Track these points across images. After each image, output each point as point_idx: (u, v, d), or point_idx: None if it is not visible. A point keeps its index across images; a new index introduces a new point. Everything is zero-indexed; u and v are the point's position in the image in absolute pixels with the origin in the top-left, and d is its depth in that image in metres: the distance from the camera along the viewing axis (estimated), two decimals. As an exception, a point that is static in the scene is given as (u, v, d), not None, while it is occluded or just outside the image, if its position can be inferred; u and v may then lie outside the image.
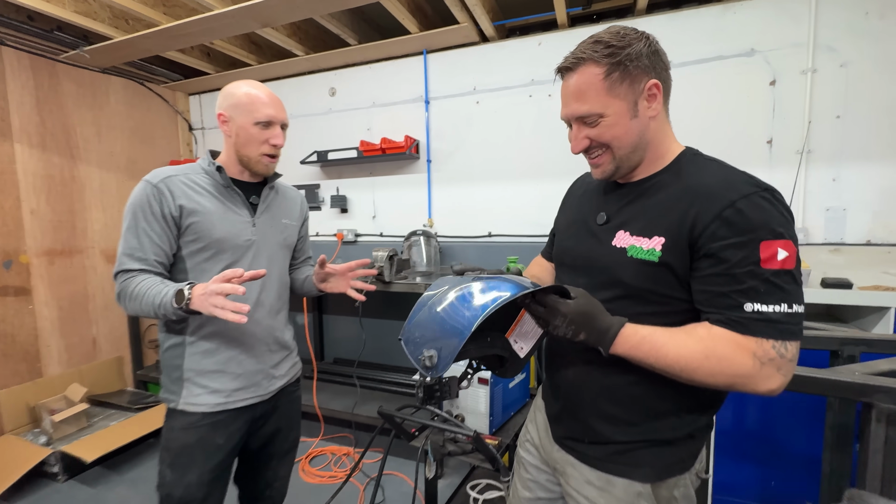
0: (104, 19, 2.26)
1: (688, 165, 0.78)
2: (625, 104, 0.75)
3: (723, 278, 0.68)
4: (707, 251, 0.69)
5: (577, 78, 0.76)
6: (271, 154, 1.15)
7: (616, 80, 0.73)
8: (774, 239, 0.66)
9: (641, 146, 0.78)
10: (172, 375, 1.12)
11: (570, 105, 0.78)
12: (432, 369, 0.73)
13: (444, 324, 0.74)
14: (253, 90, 1.12)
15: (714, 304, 0.70)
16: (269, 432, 1.25)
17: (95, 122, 2.74)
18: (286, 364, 1.27)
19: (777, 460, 1.74)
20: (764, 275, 0.66)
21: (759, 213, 0.67)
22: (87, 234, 2.72)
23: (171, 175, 1.10)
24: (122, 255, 1.07)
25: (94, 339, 2.78)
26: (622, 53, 0.72)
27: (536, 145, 2.41)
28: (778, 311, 0.66)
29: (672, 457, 0.81)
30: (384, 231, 2.83)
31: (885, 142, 1.89)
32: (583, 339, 0.74)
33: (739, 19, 2.02)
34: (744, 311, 0.67)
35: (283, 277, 1.28)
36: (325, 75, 2.86)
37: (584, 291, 0.76)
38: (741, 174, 0.73)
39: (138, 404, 2.62)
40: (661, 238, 0.74)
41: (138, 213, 1.06)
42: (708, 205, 0.70)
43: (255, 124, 1.11)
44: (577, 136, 0.80)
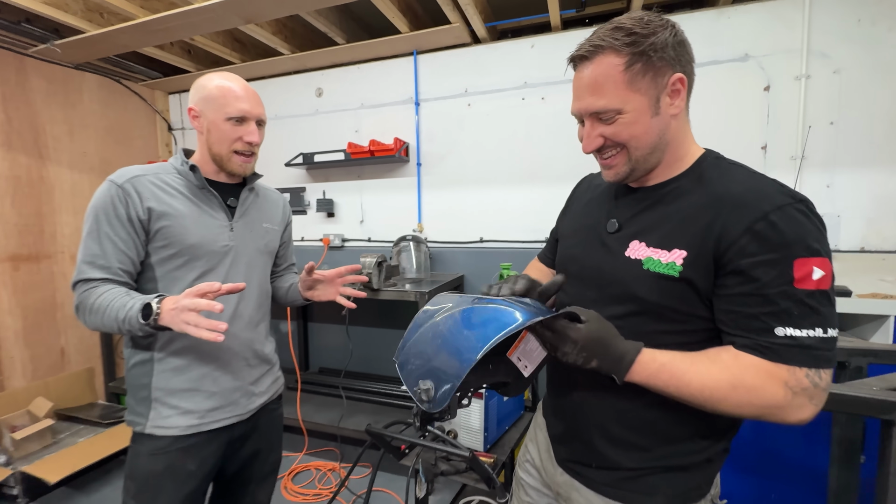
0: (76, 12, 2.14)
1: (710, 170, 0.71)
2: (646, 100, 0.67)
3: (752, 298, 0.61)
4: (735, 267, 0.62)
5: (593, 68, 0.68)
6: (245, 152, 1.06)
7: (638, 73, 0.66)
8: (810, 256, 0.59)
9: (660, 147, 0.71)
10: (139, 395, 1.02)
11: (585, 99, 0.70)
12: (429, 403, 0.66)
13: (441, 354, 0.67)
14: (226, 82, 1.03)
15: (741, 326, 0.63)
16: (248, 455, 1.15)
17: (67, 120, 2.60)
18: (267, 379, 1.17)
19: (776, 472, 1.70)
20: (798, 296, 0.59)
21: (793, 227, 0.60)
22: (56, 238, 2.57)
23: (138, 175, 1.00)
24: (81, 263, 0.96)
25: (63, 349, 2.62)
26: (646, 42, 0.65)
27: (529, 149, 2.36)
28: (812, 336, 0.59)
29: (688, 483, 0.74)
30: (372, 236, 2.74)
31: (877, 148, 1.89)
32: (595, 366, 0.67)
33: (734, 24, 2.01)
34: (775, 335, 0.60)
35: (263, 286, 1.19)
36: (311, 75, 2.77)
37: (597, 314, 0.68)
38: (772, 182, 0.66)
39: (109, 419, 2.47)
40: (682, 251, 0.66)
41: (101, 216, 0.96)
42: (737, 216, 0.63)
43: (227, 120, 1.02)
44: (589, 133, 0.72)
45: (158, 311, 0.86)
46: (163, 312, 0.86)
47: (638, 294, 0.70)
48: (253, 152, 1.08)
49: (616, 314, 0.72)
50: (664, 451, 0.73)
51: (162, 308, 0.86)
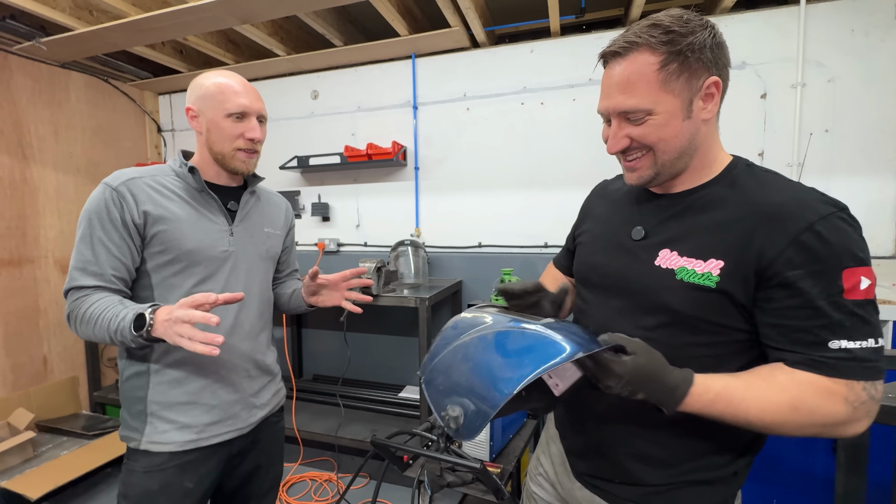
0: (65, 8, 2.08)
1: (743, 178, 0.68)
2: (678, 102, 0.64)
3: (802, 311, 0.59)
4: (781, 280, 0.60)
5: (626, 66, 0.65)
6: (248, 149, 1.02)
7: (673, 73, 0.63)
8: (857, 266, 0.58)
9: (689, 152, 0.68)
10: (134, 409, 0.97)
11: (614, 97, 0.67)
12: (457, 430, 0.62)
13: (473, 380, 0.63)
14: (223, 79, 1.00)
15: (791, 340, 0.61)
16: (248, 470, 1.10)
17: (53, 120, 2.52)
18: (268, 391, 1.13)
19: (777, 478, 1.71)
20: (849, 307, 0.58)
21: (840, 237, 0.58)
22: (40, 242, 2.48)
23: (134, 177, 0.96)
24: (73, 270, 0.92)
25: (46, 357, 2.52)
26: (684, 42, 0.62)
27: (528, 154, 2.36)
28: (865, 348, 0.58)
29: (713, 498, 0.73)
30: (368, 241, 2.70)
31: (870, 156, 1.92)
32: (641, 398, 0.62)
33: (731, 33, 2.02)
34: (829, 349, 0.58)
35: (265, 294, 1.14)
36: (307, 77, 2.73)
37: (645, 345, 0.63)
38: (812, 191, 0.64)
39: (94, 430, 2.38)
40: (720, 261, 0.64)
41: (94, 220, 0.92)
42: (781, 227, 0.60)
43: (228, 116, 0.98)
44: (616, 133, 0.69)
45: (151, 323, 0.82)
46: (156, 324, 0.82)
47: (671, 305, 0.68)
48: (256, 149, 1.05)
49: (646, 325, 0.70)
50: (690, 466, 0.71)
51: (155, 319, 0.82)
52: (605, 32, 2.22)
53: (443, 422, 0.64)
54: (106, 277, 0.91)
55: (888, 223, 1.93)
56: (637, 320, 0.71)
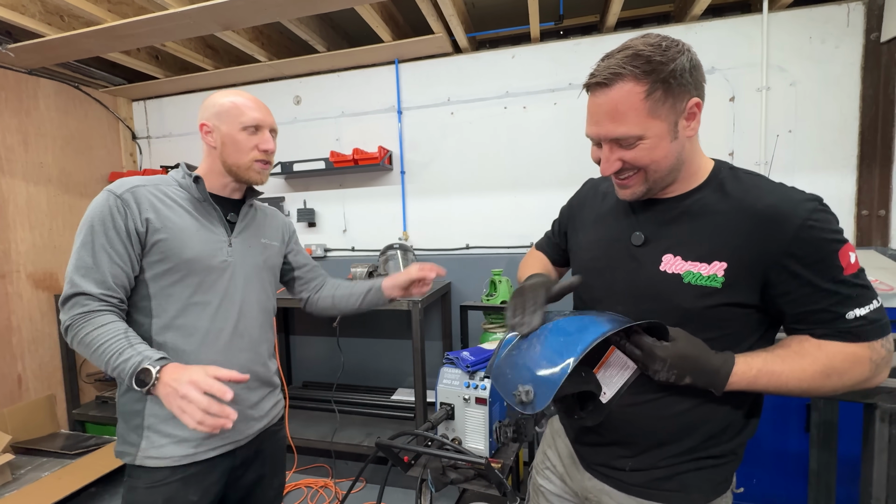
0: (34, 14, 2.01)
1: (730, 182, 0.74)
2: (665, 125, 0.68)
3: (817, 295, 0.67)
4: (791, 273, 0.68)
5: (613, 95, 0.68)
6: (263, 160, 1.06)
7: (658, 101, 0.67)
8: (843, 244, 0.67)
9: (677, 167, 0.74)
10: (131, 423, 0.96)
11: (604, 125, 0.71)
12: (528, 405, 0.68)
13: (540, 361, 0.69)
14: (238, 98, 1.05)
15: (814, 320, 0.69)
16: (251, 481, 1.10)
17: (21, 129, 2.42)
18: (267, 403, 1.13)
19: (756, 458, 1.81)
20: (851, 280, 0.67)
21: (828, 225, 0.67)
22: (11, 256, 2.38)
23: (138, 185, 0.97)
24: (73, 275, 0.90)
25: (20, 376, 2.41)
26: (666, 70, 0.65)
27: (512, 157, 2.42)
28: (873, 309, 0.67)
29: (719, 476, 0.78)
30: (356, 245, 2.70)
31: (830, 154, 2.07)
32: (689, 382, 0.69)
33: (700, 39, 2.14)
34: (846, 320, 0.67)
35: (264, 304, 1.15)
36: (289, 83, 2.71)
37: (684, 332, 0.70)
38: (793, 190, 0.71)
39: (76, 448, 2.29)
40: (723, 263, 0.70)
41: (97, 227, 0.92)
42: (779, 227, 0.67)
43: (243, 129, 1.03)
44: (608, 157, 0.73)
45: (157, 379, 0.80)
46: (160, 384, 0.80)
47: (682, 306, 0.73)
48: (270, 160, 1.09)
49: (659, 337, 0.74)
50: (700, 448, 0.76)
51: (160, 379, 0.80)
52: (583, 38, 2.31)
53: (514, 402, 0.70)
54: (107, 284, 0.90)
55: (848, 216, 2.08)
56: None
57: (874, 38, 1.98)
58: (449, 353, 1.61)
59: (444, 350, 2.49)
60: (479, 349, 1.62)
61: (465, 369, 1.54)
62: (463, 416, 1.51)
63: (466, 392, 1.50)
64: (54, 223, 2.58)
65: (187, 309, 0.98)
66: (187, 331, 0.97)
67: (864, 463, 0.99)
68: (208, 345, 0.99)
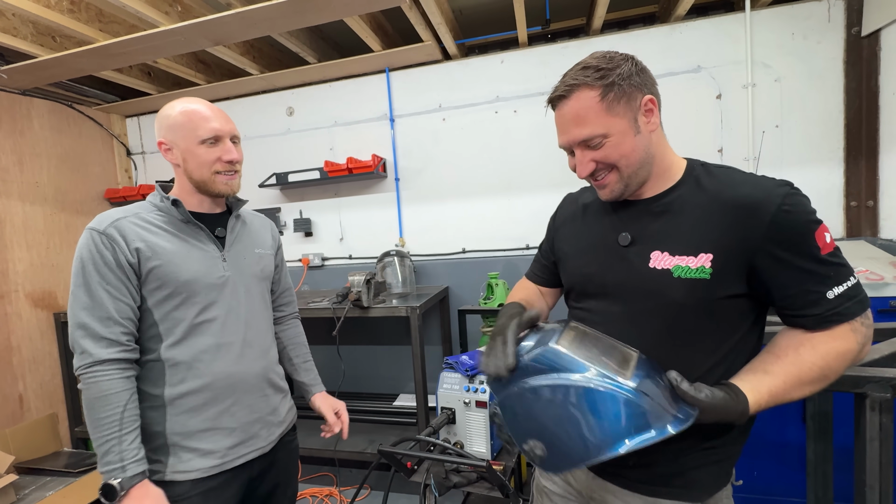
0: (26, 36, 2.03)
1: (705, 178, 0.78)
2: (625, 121, 0.75)
3: (800, 276, 0.70)
4: (773, 258, 0.70)
5: (573, 104, 0.76)
6: (227, 171, 1.03)
7: (613, 100, 0.74)
8: (819, 225, 0.70)
9: (647, 161, 0.78)
10: (154, 444, 0.96)
11: (571, 132, 0.77)
12: (541, 461, 0.67)
13: (562, 431, 0.66)
14: (189, 106, 0.99)
15: (799, 304, 0.71)
16: (267, 491, 1.11)
17: (16, 149, 2.43)
18: (284, 407, 1.15)
19: (756, 450, 1.83)
20: (828, 260, 0.69)
21: (801, 208, 0.70)
22: (9, 276, 2.38)
23: (118, 217, 0.95)
24: (76, 330, 0.90)
25: (21, 396, 2.41)
26: (613, 74, 0.73)
27: (505, 160, 2.44)
28: (851, 286, 0.70)
29: (721, 470, 0.80)
30: (353, 253, 2.72)
31: (816, 148, 2.10)
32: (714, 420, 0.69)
33: (685, 39, 2.18)
34: (828, 299, 0.69)
35: (267, 312, 1.16)
36: (281, 94, 2.74)
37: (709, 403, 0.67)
38: (764, 178, 0.75)
39: (80, 466, 2.29)
40: (709, 254, 0.73)
41: (88, 266, 0.91)
42: (755, 215, 0.70)
43: (201, 143, 0.98)
44: (581, 160, 0.78)
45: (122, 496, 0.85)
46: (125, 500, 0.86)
47: (675, 300, 0.75)
48: (236, 170, 1.05)
49: (653, 324, 0.77)
50: (701, 443, 0.78)
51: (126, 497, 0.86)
52: (571, 41, 2.34)
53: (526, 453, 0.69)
54: (114, 319, 0.90)
55: (836, 208, 2.11)
56: (643, 321, 0.78)
57: (855, 33, 2.01)
58: (448, 357, 1.63)
59: (444, 354, 2.50)
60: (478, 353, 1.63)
61: (464, 373, 1.55)
62: (464, 419, 1.53)
63: (467, 396, 1.51)
64: (51, 242, 2.59)
65: (195, 329, 0.98)
66: (198, 349, 0.98)
67: (857, 451, 1.01)
68: (219, 359, 1.00)
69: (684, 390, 0.67)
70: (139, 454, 0.89)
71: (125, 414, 0.89)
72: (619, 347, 0.73)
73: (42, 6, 1.79)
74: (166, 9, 1.93)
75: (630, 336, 0.78)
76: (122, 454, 0.87)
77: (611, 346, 0.73)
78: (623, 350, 0.73)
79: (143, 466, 0.89)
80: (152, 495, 0.88)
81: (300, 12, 1.84)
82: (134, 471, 0.87)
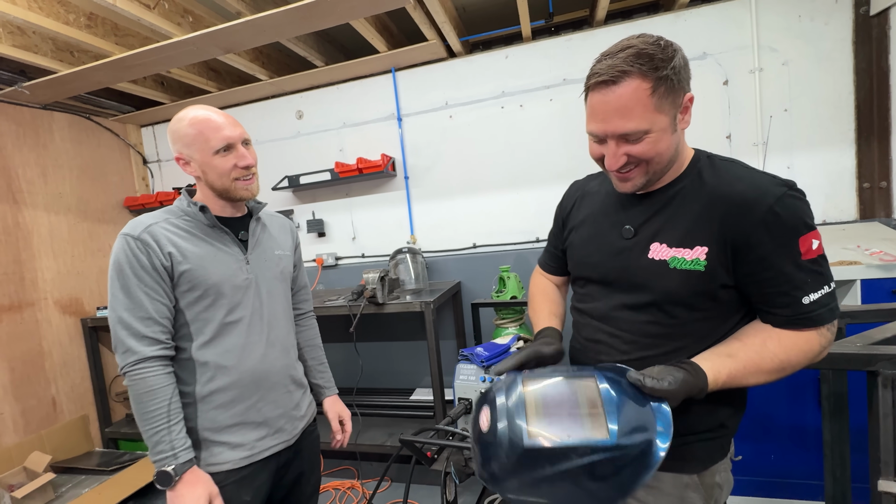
0: (46, 52, 2.10)
1: (707, 171, 0.79)
2: (667, 119, 0.72)
3: (776, 279, 0.72)
4: (756, 256, 0.73)
5: (621, 91, 0.70)
6: (244, 177, 1.07)
7: (663, 96, 0.70)
8: (808, 232, 0.71)
9: (674, 159, 0.78)
10: None
11: (613, 121, 0.72)
12: None
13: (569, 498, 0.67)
14: (198, 115, 1.02)
15: (775, 304, 0.74)
16: (292, 479, 1.17)
17: (39, 162, 2.52)
18: (305, 402, 1.21)
19: (772, 434, 1.84)
20: (808, 266, 0.71)
21: (793, 213, 0.71)
22: (38, 284, 2.48)
23: (151, 223, 1.00)
24: (119, 330, 0.95)
25: (54, 399, 2.52)
26: (668, 67, 0.69)
27: (512, 155, 2.46)
28: (825, 294, 0.72)
29: (716, 443, 0.83)
30: (366, 252, 2.77)
31: (827, 131, 2.08)
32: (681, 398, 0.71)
33: (690, 26, 2.17)
34: (802, 304, 0.72)
35: (288, 311, 1.22)
36: (290, 98, 2.79)
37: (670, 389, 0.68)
38: (764, 175, 0.75)
39: (112, 465, 2.39)
40: (704, 247, 0.75)
41: (126, 270, 0.96)
42: (747, 213, 0.72)
43: (216, 153, 1.01)
44: (615, 153, 0.75)
45: (177, 481, 0.92)
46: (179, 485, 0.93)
47: (670, 291, 0.78)
48: (252, 173, 1.09)
49: (650, 313, 0.80)
50: (699, 418, 0.81)
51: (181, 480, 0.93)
52: (575, 34, 2.35)
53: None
54: (153, 319, 0.96)
55: (849, 190, 2.09)
56: (641, 309, 0.81)
57: (864, 12, 1.99)
58: (464, 349, 1.66)
59: (458, 348, 2.54)
60: (492, 344, 1.67)
61: (480, 364, 1.59)
62: (478, 410, 1.57)
63: (482, 386, 1.55)
64: (76, 250, 2.68)
65: (223, 329, 1.04)
66: (225, 348, 1.04)
67: (870, 429, 1.02)
68: (246, 358, 1.05)
69: (650, 387, 0.68)
70: (187, 443, 0.95)
71: (171, 406, 0.95)
72: (579, 388, 0.71)
73: (62, 23, 1.86)
74: (178, 20, 1.99)
75: (627, 324, 0.82)
76: (173, 443, 0.93)
77: (572, 392, 0.71)
78: (584, 389, 0.71)
79: (192, 454, 0.95)
80: (203, 480, 0.95)
81: (307, 18, 1.88)
82: (185, 458, 0.93)
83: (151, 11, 1.85)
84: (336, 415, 1.34)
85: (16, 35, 1.97)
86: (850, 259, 1.77)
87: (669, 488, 0.82)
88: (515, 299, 2.20)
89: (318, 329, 1.43)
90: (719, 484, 0.84)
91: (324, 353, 1.42)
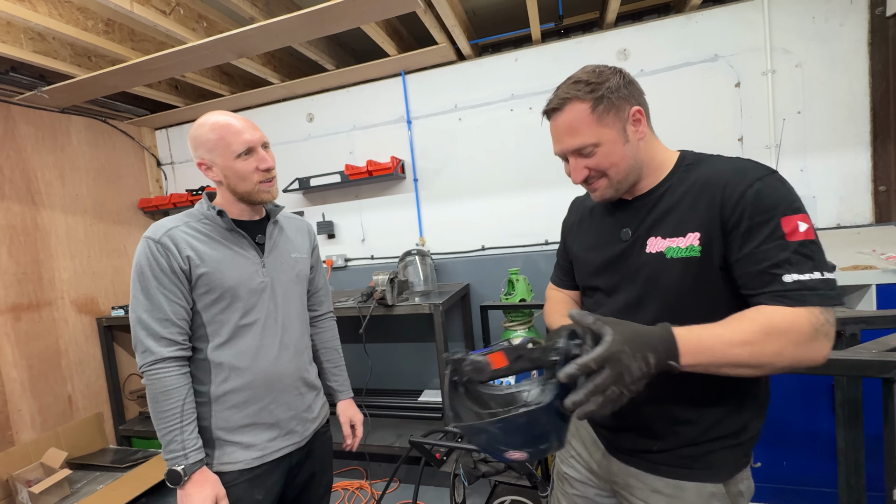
0: (65, 58, 2.15)
1: (693, 165, 0.83)
2: (614, 131, 0.80)
3: (757, 255, 0.71)
4: (738, 233, 0.73)
5: (565, 115, 0.81)
6: (267, 179, 1.09)
7: (603, 112, 0.79)
8: (793, 214, 0.70)
9: (636, 167, 0.83)
10: (201, 437, 1.04)
11: (564, 141, 0.83)
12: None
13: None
14: (219, 120, 1.04)
15: (756, 283, 0.72)
16: (304, 479, 1.19)
17: (57, 164, 2.58)
18: (317, 404, 1.22)
19: (785, 442, 1.82)
20: (792, 246, 0.69)
21: (774, 192, 0.72)
22: (56, 284, 2.54)
23: (172, 227, 1.03)
24: (139, 330, 0.98)
25: (70, 396, 2.57)
26: (603, 88, 0.79)
27: (522, 157, 2.47)
28: (813, 279, 0.68)
29: (740, 451, 0.82)
30: (375, 254, 2.79)
31: (841, 133, 2.06)
32: (653, 363, 0.63)
33: (701, 28, 2.16)
34: (784, 282, 0.69)
35: (302, 315, 1.23)
36: (301, 101, 2.82)
37: (605, 318, 0.66)
38: (748, 161, 0.78)
39: (126, 462, 2.43)
40: (696, 233, 0.77)
41: (147, 273, 0.99)
42: (730, 190, 0.74)
43: (237, 157, 1.03)
44: (575, 167, 0.84)
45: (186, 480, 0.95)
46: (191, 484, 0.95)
47: (668, 282, 0.79)
48: (273, 175, 1.11)
49: (654, 308, 0.80)
50: (722, 425, 0.81)
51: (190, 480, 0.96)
52: (584, 36, 2.34)
53: None
54: (171, 321, 0.99)
55: (864, 193, 2.06)
56: (646, 305, 0.81)
57: (879, 13, 1.97)
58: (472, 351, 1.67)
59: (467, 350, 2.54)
60: (501, 347, 1.67)
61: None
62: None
63: (491, 389, 1.55)
64: (92, 251, 2.74)
65: (238, 331, 1.06)
66: (240, 350, 1.06)
67: (886, 436, 1.01)
68: (259, 360, 1.07)
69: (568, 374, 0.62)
70: (198, 443, 0.98)
71: (185, 407, 0.97)
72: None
73: (80, 29, 1.91)
74: (193, 25, 2.02)
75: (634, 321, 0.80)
76: (184, 443, 0.95)
77: None
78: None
79: (202, 454, 0.98)
80: (211, 480, 0.97)
81: (319, 22, 1.90)
82: (195, 458, 0.96)
83: (167, 17, 1.88)
84: (348, 419, 1.35)
85: (36, 41, 2.03)
86: (866, 263, 1.75)
87: (693, 498, 0.81)
88: (524, 302, 2.20)
89: (336, 331, 1.43)
90: (742, 492, 0.83)
91: (341, 356, 1.43)
